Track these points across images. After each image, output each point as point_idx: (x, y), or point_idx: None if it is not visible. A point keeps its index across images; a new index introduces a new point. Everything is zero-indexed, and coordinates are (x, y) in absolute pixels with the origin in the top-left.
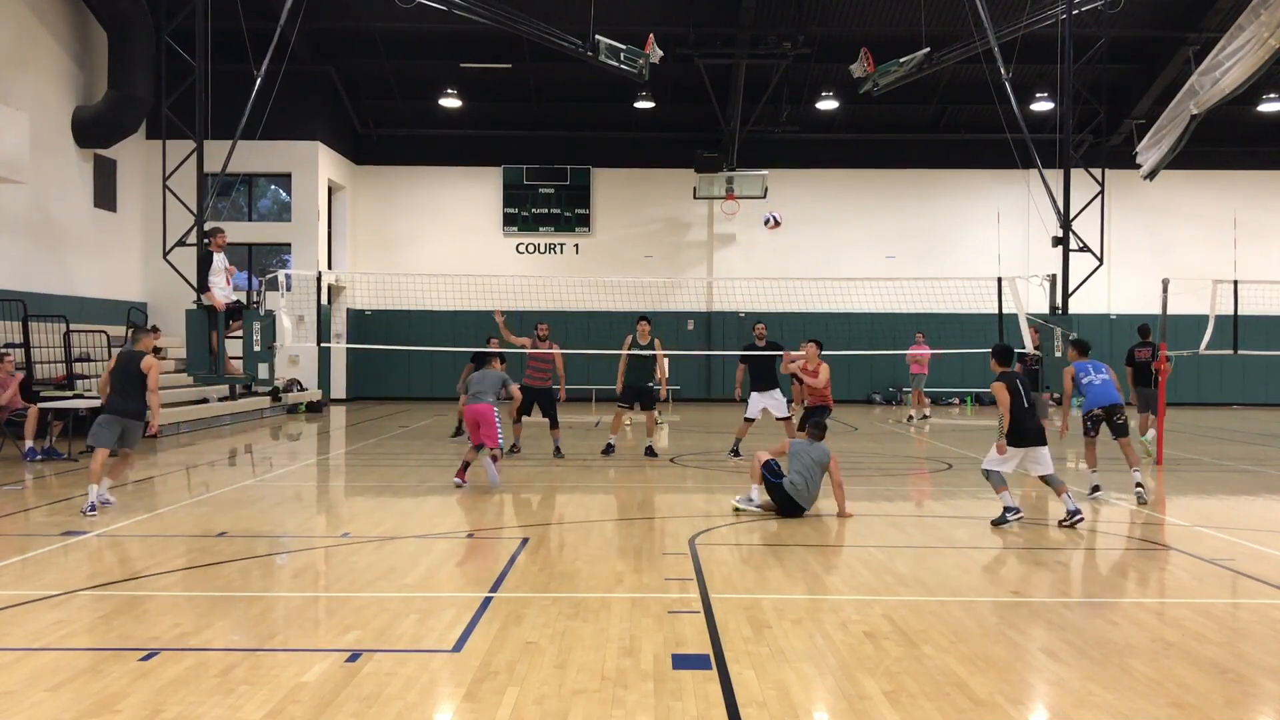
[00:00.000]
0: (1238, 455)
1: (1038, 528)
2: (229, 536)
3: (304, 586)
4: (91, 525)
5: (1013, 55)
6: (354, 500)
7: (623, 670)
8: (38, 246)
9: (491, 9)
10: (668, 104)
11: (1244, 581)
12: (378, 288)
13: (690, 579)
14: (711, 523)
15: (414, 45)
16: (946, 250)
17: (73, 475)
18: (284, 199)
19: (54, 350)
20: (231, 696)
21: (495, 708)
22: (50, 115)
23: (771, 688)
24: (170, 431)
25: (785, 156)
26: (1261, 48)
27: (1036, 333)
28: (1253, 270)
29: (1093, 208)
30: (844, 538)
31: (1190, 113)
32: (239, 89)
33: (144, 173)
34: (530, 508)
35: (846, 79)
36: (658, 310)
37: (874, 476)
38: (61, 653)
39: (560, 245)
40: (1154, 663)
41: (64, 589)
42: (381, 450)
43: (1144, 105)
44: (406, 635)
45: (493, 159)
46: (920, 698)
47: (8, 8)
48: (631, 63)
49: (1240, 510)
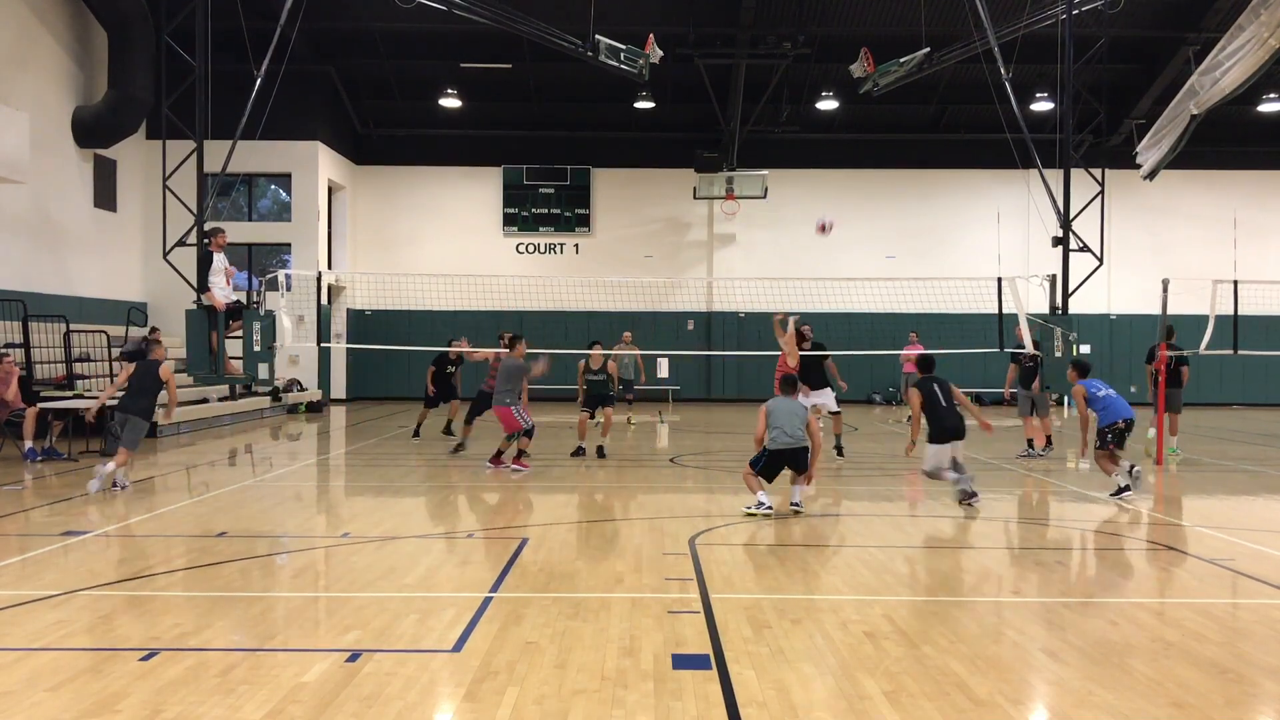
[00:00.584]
0: (1238, 455)
1: (1038, 527)
2: (229, 536)
3: (304, 586)
4: (92, 525)
5: (1013, 55)
6: (354, 500)
7: (623, 670)
8: (38, 246)
9: (491, 9)
10: (668, 104)
11: (1244, 581)
12: (378, 288)
13: (690, 579)
14: (711, 523)
15: (414, 45)
16: (946, 250)
17: (73, 475)
18: (284, 199)
19: (54, 350)
20: (231, 696)
21: (495, 708)
22: (50, 115)
23: (771, 688)
24: (170, 431)
25: (785, 156)
26: (1261, 48)
27: (1022, 332)
28: (1253, 270)
29: (1093, 208)
30: (844, 538)
31: (1190, 113)
32: (239, 89)
33: (144, 173)
34: (530, 508)
35: (846, 79)
36: (658, 310)
37: (874, 476)
38: (61, 653)
39: (560, 245)
40: (1154, 663)
41: (64, 589)
42: (381, 450)
43: (1144, 105)
44: (406, 635)
45: (493, 159)
46: (920, 698)
47: (8, 8)
48: (631, 63)
49: (1240, 510)
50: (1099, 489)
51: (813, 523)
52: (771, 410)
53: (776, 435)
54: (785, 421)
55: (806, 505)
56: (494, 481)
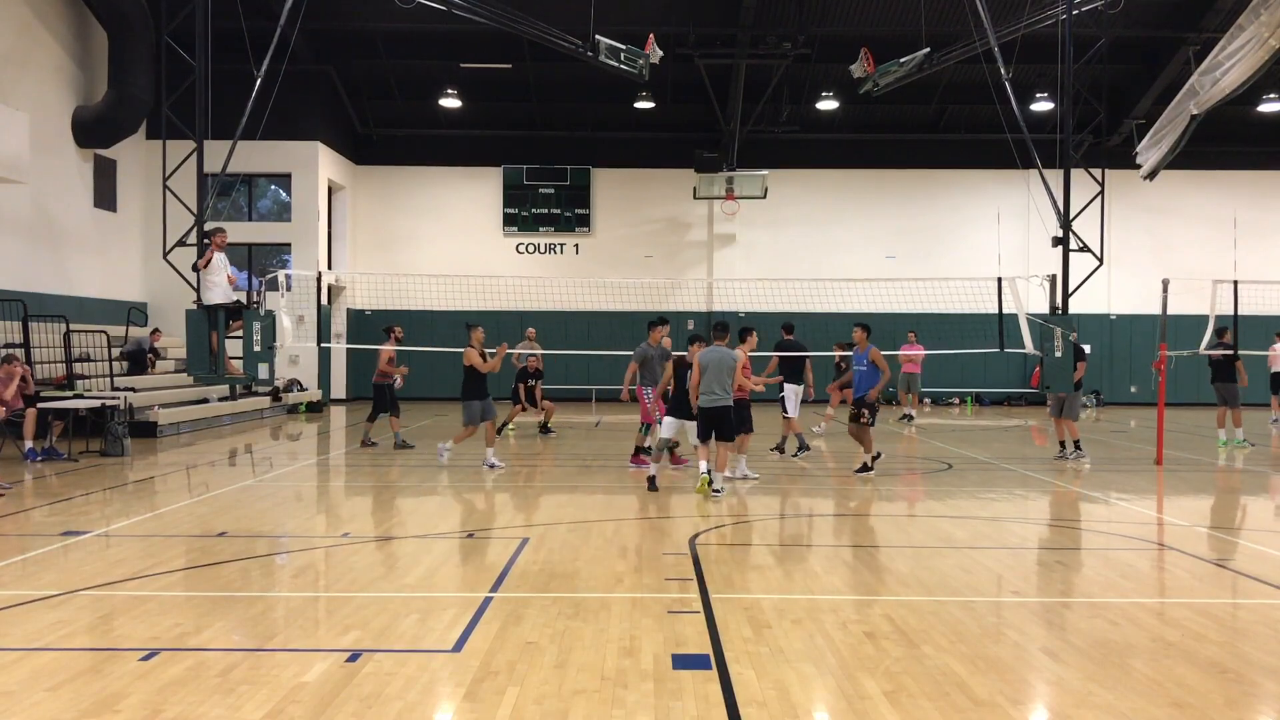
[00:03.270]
0: (1238, 455)
1: (1037, 527)
2: (229, 536)
3: (304, 586)
4: (92, 525)
5: (1013, 55)
6: (354, 500)
7: (623, 670)
8: (38, 246)
9: (491, 9)
10: (668, 104)
11: (1244, 581)
12: (378, 288)
13: (690, 579)
14: (711, 523)
15: (414, 45)
16: (946, 250)
17: (73, 475)
18: (284, 199)
19: (54, 350)
20: (231, 696)
21: (495, 708)
22: (50, 115)
23: (771, 688)
24: (170, 431)
25: (785, 156)
26: (1261, 48)
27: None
28: (1253, 270)
29: (1093, 208)
30: (844, 538)
31: (1190, 113)
32: (239, 89)
33: (144, 173)
34: (530, 508)
35: (846, 79)
36: (658, 310)
37: (874, 476)
38: (61, 653)
39: (560, 245)
40: (1154, 663)
41: (64, 589)
42: (381, 450)
43: (1144, 105)
44: (406, 635)
45: (493, 159)
46: (920, 698)
47: (8, 8)
48: (631, 63)
49: (1240, 510)
50: (1099, 489)
51: (813, 523)
52: (706, 364)
53: (705, 396)
54: (715, 376)
55: (812, 508)
56: (494, 481)
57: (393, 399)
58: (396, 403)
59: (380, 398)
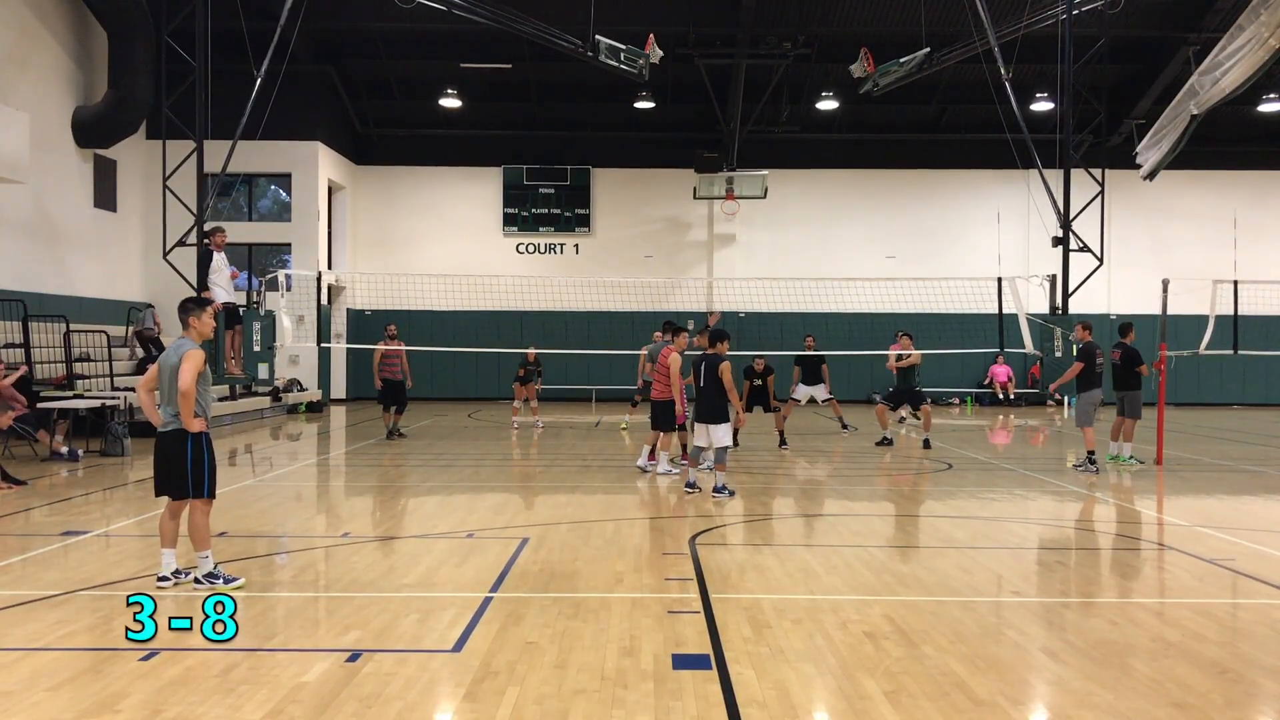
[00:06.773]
0: (1238, 455)
1: (1037, 527)
2: (229, 536)
3: (304, 586)
4: (92, 525)
5: (1013, 55)
6: (354, 500)
7: (623, 670)
8: (38, 246)
9: (491, 9)
10: (668, 104)
11: (1244, 581)
12: (378, 288)
13: (690, 579)
14: (711, 523)
15: (414, 45)
16: (946, 250)
17: (73, 475)
18: (284, 199)
19: (54, 350)
20: (231, 696)
21: (495, 708)
22: (50, 115)
23: (771, 688)
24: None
25: (785, 156)
26: (1261, 48)
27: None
28: (1253, 270)
29: (1093, 208)
30: (844, 538)
31: (1190, 113)
32: (239, 89)
33: (144, 173)
34: (530, 508)
35: (846, 79)
36: (658, 310)
37: (874, 476)
38: (61, 653)
39: (560, 245)
40: (1154, 663)
41: (64, 589)
42: (381, 450)
43: (1144, 105)
44: (406, 635)
45: (493, 159)
46: (920, 698)
47: (8, 8)
48: (631, 63)
49: (1240, 510)
50: (1099, 489)
51: (813, 523)
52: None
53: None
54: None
55: (812, 507)
56: (494, 482)
57: (400, 396)
58: (404, 400)
59: (387, 392)
